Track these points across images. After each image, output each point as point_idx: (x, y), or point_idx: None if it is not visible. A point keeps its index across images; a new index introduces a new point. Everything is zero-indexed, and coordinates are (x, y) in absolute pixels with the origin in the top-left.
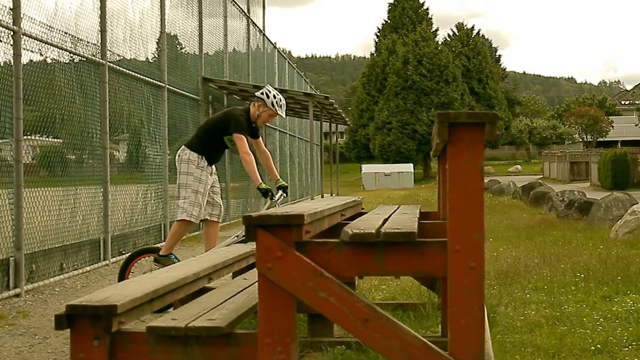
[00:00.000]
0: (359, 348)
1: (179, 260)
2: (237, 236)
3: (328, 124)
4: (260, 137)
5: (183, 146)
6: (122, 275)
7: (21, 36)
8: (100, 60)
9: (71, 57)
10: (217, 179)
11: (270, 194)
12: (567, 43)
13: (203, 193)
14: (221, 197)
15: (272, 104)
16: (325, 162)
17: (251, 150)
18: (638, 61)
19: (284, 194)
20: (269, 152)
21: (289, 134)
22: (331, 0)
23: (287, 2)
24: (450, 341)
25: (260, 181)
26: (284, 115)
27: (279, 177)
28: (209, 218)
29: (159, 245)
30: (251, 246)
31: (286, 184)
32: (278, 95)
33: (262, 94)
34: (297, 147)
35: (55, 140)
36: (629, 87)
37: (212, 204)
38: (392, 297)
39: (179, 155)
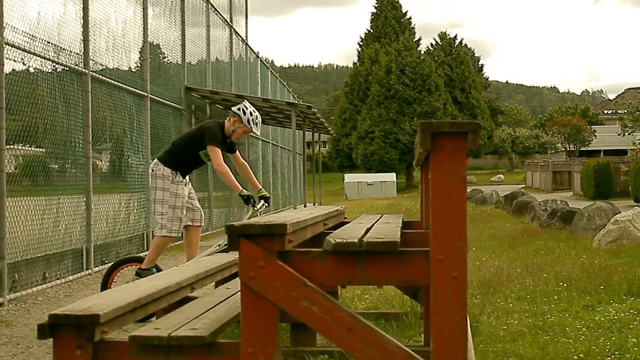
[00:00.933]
0: (341, 357)
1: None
2: (219, 245)
3: (311, 133)
4: (237, 151)
5: (156, 160)
6: (105, 284)
7: (4, 45)
8: (83, 70)
9: (54, 66)
10: (191, 186)
11: (252, 200)
12: (550, 52)
13: (181, 207)
14: (203, 206)
15: (248, 121)
16: (308, 171)
17: (229, 164)
18: (620, 71)
19: (266, 204)
20: (247, 164)
21: (272, 143)
22: (314, 9)
23: (269, 11)
24: (433, 351)
25: (241, 188)
26: (258, 133)
27: (260, 187)
28: (190, 224)
29: (142, 254)
30: (234, 255)
31: (268, 195)
32: (255, 112)
33: (238, 109)
34: (280, 156)
35: (38, 149)
36: (611, 96)
37: (191, 209)
38: (374, 307)
39: (152, 170)
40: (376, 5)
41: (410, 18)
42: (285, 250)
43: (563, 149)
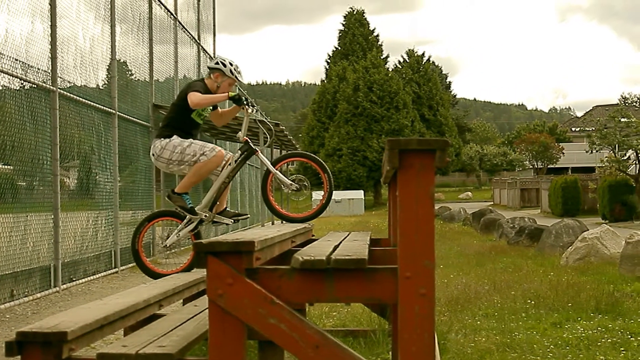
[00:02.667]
0: None
1: (191, 203)
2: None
3: (279, 150)
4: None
5: (154, 141)
6: (135, 242)
7: None
8: (51, 87)
9: (22, 83)
10: None
11: (244, 99)
12: (517, 70)
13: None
14: (170, 224)
15: (231, 71)
16: (276, 189)
17: (214, 122)
18: (587, 88)
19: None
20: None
21: None
22: (281, 26)
23: (236, 29)
24: None
25: (227, 93)
26: (244, 81)
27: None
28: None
29: (170, 209)
30: (202, 273)
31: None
32: (234, 62)
33: (217, 64)
34: (248, 173)
35: (6, 167)
36: (579, 113)
37: None
38: (342, 324)
39: (154, 155)
40: (344, 23)
41: (377, 35)
42: (253, 267)
43: (531, 167)
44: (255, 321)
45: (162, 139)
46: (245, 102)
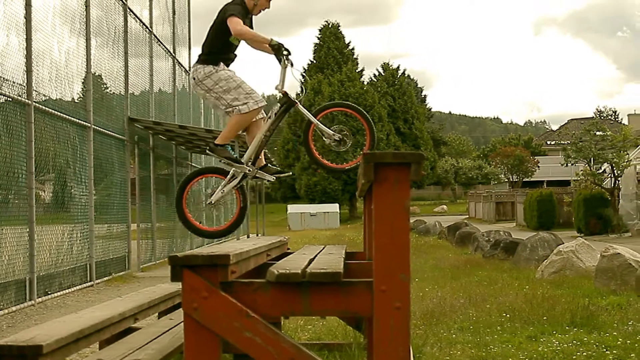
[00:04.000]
0: None
1: (235, 153)
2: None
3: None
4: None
5: (194, 65)
6: (180, 200)
7: None
8: (26, 101)
9: None
10: None
11: (283, 49)
12: (493, 83)
13: (243, 81)
14: (147, 237)
15: None
16: (251, 202)
17: (248, 44)
18: (562, 101)
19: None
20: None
21: None
22: None
23: None
24: None
25: (269, 38)
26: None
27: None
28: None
29: (215, 166)
30: (177, 286)
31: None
32: None
33: None
34: None
35: None
36: (554, 127)
37: None
38: (317, 337)
39: (194, 78)
40: (319, 36)
41: (353, 49)
42: (228, 281)
43: (506, 180)
44: (230, 334)
45: (206, 65)
46: (285, 53)
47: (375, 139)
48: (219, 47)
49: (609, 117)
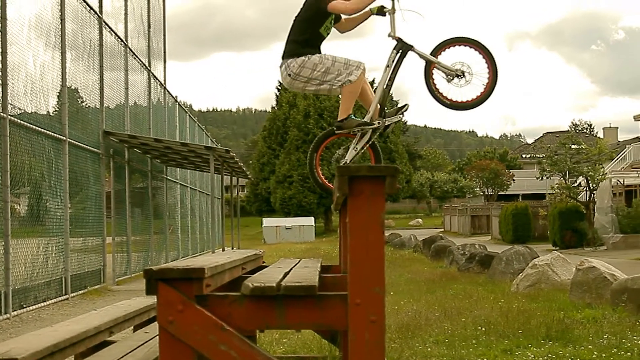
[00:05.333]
0: None
1: (360, 118)
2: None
3: (229, 177)
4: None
5: (285, 61)
6: (313, 161)
7: None
8: (1, 114)
9: None
10: None
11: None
12: None
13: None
14: (122, 250)
15: None
16: (226, 215)
17: (339, 29)
18: (536, 115)
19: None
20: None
21: (190, 187)
22: (231, 53)
23: (186, 56)
24: None
25: None
26: None
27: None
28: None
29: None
30: (152, 299)
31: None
32: None
33: None
34: (198, 200)
35: None
36: (529, 140)
37: None
38: (293, 351)
39: (289, 75)
40: None
41: None
42: (203, 294)
43: (481, 193)
44: (205, 348)
45: (297, 57)
46: (390, 7)
47: (498, 72)
48: (308, 39)
49: (585, 130)
